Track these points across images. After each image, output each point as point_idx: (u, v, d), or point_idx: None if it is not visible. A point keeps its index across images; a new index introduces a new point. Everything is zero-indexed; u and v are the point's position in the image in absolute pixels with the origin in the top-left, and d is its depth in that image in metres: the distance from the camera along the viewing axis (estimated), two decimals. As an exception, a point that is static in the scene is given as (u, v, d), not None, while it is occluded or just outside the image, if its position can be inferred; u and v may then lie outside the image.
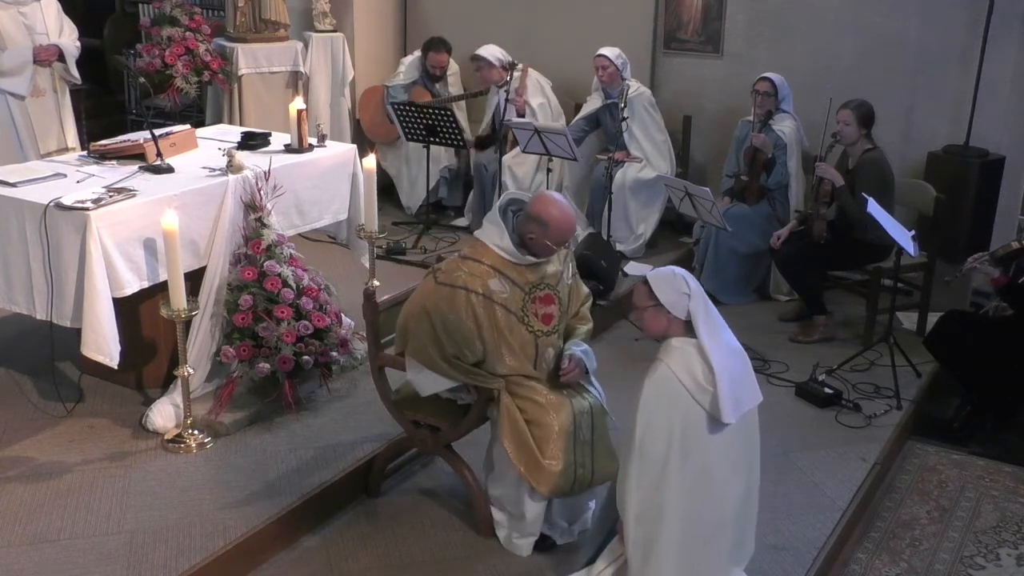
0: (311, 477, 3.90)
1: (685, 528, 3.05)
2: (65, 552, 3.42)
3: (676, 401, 3.00)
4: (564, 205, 3.49)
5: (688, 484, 3.03)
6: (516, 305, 3.50)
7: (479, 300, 3.44)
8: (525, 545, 3.65)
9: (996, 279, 4.81)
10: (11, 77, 5.49)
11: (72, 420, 4.26)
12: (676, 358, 3.03)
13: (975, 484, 4.50)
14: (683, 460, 3.01)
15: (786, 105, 5.98)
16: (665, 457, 3.01)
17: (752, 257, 6.01)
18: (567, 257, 3.70)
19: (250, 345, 4.21)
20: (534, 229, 3.45)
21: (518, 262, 3.49)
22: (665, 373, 3.02)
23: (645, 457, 3.03)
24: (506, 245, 3.48)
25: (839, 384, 4.98)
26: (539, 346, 3.56)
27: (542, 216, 3.43)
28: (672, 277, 3.07)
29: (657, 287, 3.06)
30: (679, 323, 3.06)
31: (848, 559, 3.93)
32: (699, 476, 3.04)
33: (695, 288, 3.07)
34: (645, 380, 3.06)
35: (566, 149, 5.92)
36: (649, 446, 3.02)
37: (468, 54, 7.42)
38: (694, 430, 3.01)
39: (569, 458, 3.48)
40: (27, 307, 4.04)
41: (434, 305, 3.44)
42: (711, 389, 2.98)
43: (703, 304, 3.07)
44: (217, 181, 4.32)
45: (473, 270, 3.46)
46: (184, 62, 6.48)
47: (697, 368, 3.00)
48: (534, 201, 3.50)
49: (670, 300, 3.04)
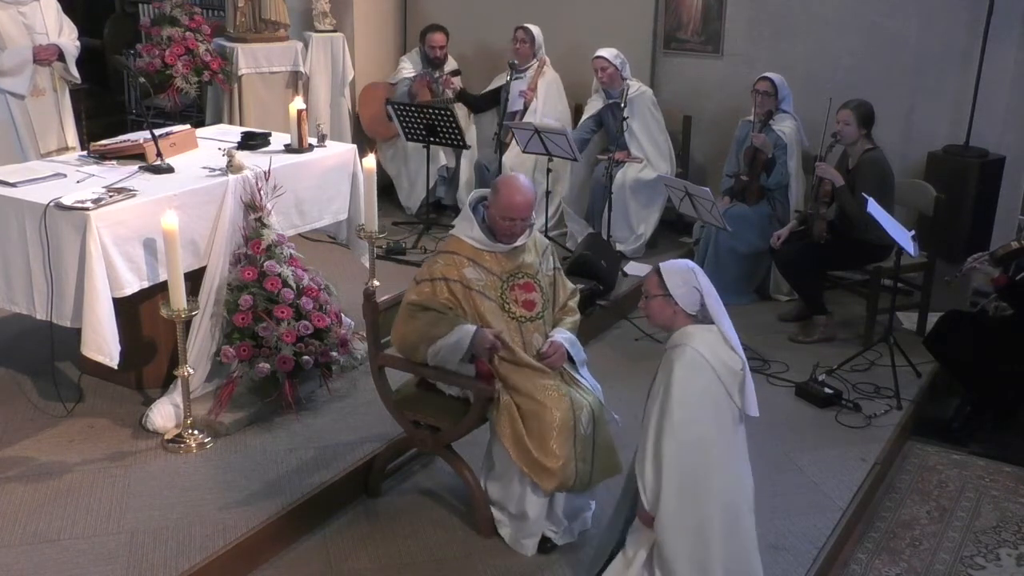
0: (311, 477, 3.90)
1: (726, 510, 3.07)
2: (65, 552, 3.42)
3: (710, 382, 3.03)
4: (520, 184, 3.61)
5: (723, 460, 3.06)
6: (495, 292, 3.61)
7: (457, 287, 3.59)
8: (530, 544, 3.65)
9: (996, 279, 4.81)
10: (11, 77, 5.48)
11: (72, 420, 4.26)
12: (699, 340, 3.05)
13: (975, 484, 4.50)
14: (718, 435, 3.04)
15: (786, 105, 5.97)
16: (709, 437, 3.02)
17: (752, 257, 6.00)
18: (547, 250, 3.82)
19: (250, 345, 4.21)
20: (489, 199, 3.63)
21: (490, 249, 3.63)
22: (694, 356, 3.03)
23: (684, 438, 3.01)
24: (476, 235, 3.64)
25: (839, 384, 4.98)
26: (523, 332, 3.63)
27: (497, 186, 3.63)
28: (685, 270, 3.11)
29: (669, 278, 3.10)
30: (685, 316, 3.10)
31: (848, 559, 3.93)
32: (730, 453, 3.08)
33: (705, 282, 3.10)
34: (673, 365, 3.04)
35: (566, 149, 5.92)
36: (689, 427, 3.01)
37: (467, 54, 7.45)
38: (724, 412, 3.05)
39: (570, 453, 3.50)
40: (27, 307, 4.04)
41: (415, 299, 3.61)
42: (741, 373, 3.04)
43: (715, 296, 3.12)
44: (217, 181, 4.32)
45: (448, 261, 3.62)
46: (184, 62, 6.48)
47: (722, 352, 3.05)
48: (499, 176, 3.73)
49: (680, 293, 3.08)
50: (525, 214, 3.62)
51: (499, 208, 3.59)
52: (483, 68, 7.37)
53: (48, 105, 5.71)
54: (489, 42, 7.47)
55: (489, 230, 3.65)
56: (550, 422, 3.49)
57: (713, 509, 3.04)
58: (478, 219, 3.66)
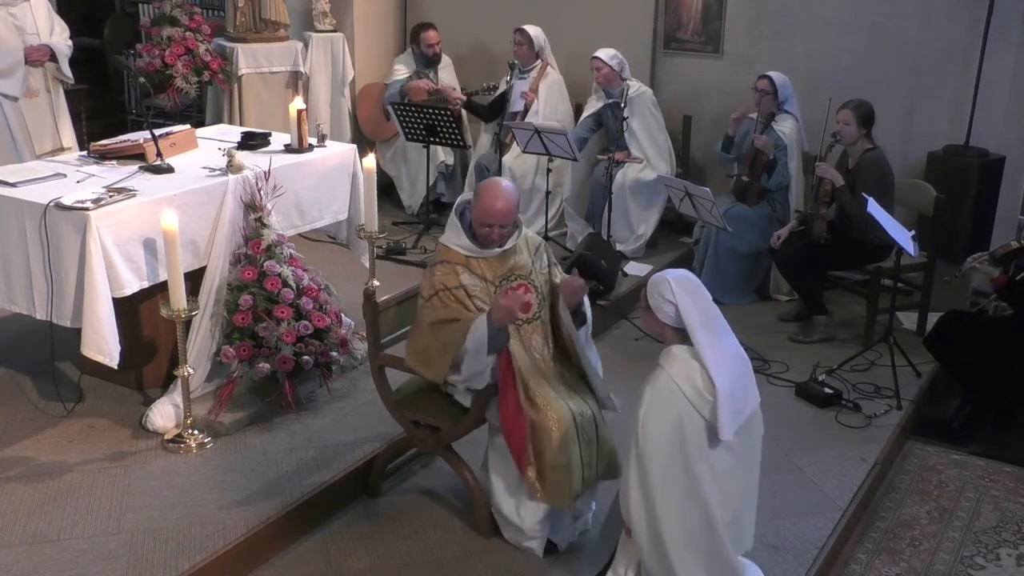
0: (311, 477, 3.90)
1: (688, 530, 3.04)
2: (65, 552, 3.42)
3: (676, 409, 2.99)
4: (501, 190, 3.56)
5: (688, 488, 3.02)
6: (490, 298, 3.58)
7: (460, 293, 3.55)
8: (536, 545, 3.65)
9: (996, 279, 4.81)
10: (2, 79, 5.45)
11: (72, 420, 4.26)
12: (676, 365, 3.02)
13: (975, 484, 4.50)
14: (683, 466, 3.00)
15: (789, 106, 5.96)
16: (665, 463, 3.00)
17: (752, 257, 6.00)
18: (540, 247, 3.78)
19: (250, 345, 4.21)
20: (471, 205, 3.59)
21: (479, 255, 3.60)
22: (666, 381, 3.01)
23: (645, 463, 3.01)
24: (464, 242, 3.61)
25: (839, 384, 4.98)
26: (522, 335, 3.61)
27: (478, 192, 3.59)
28: (660, 282, 3.06)
29: (648, 290, 3.08)
30: (673, 331, 3.06)
31: (848, 559, 3.93)
32: (698, 480, 3.02)
33: (682, 295, 3.01)
34: (646, 387, 3.04)
35: (566, 149, 5.92)
36: (650, 452, 3.01)
37: (466, 54, 7.45)
38: (694, 437, 3.00)
39: (576, 460, 3.50)
40: (27, 307, 4.04)
41: (432, 319, 3.55)
42: (711, 399, 2.97)
43: (700, 311, 3.03)
44: (217, 181, 4.32)
45: (445, 271, 3.58)
46: (184, 62, 6.48)
47: (697, 376, 2.99)
48: (482, 181, 3.68)
49: (655, 305, 3.05)
50: (505, 220, 3.53)
51: (478, 214, 3.54)
52: (481, 68, 7.36)
53: (42, 106, 5.69)
54: (487, 42, 7.47)
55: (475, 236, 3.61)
56: (549, 431, 3.47)
57: (675, 533, 3.02)
58: (464, 225, 3.62)
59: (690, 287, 3.04)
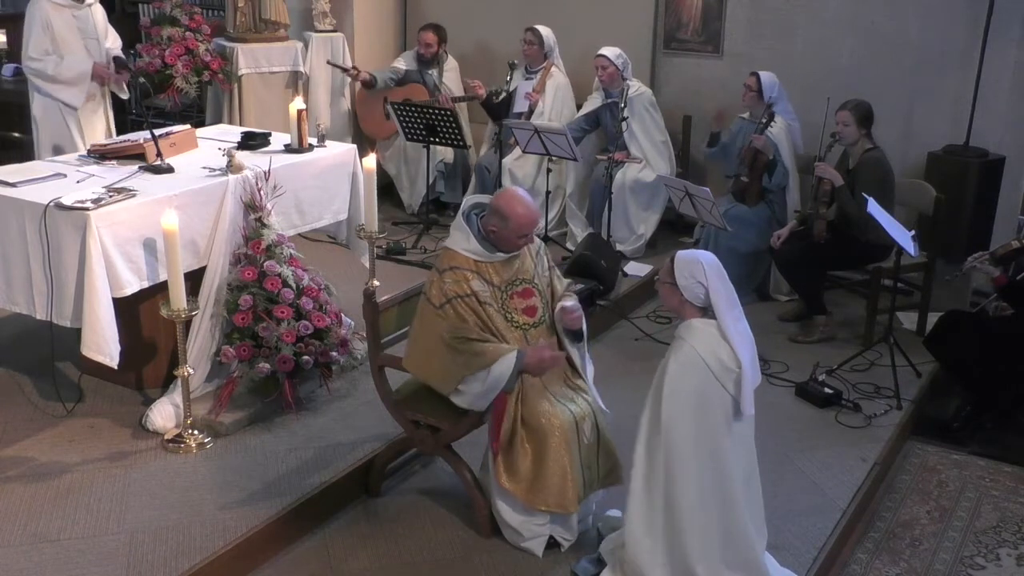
0: (311, 477, 3.90)
1: (704, 501, 3.16)
2: (65, 552, 3.42)
3: (700, 378, 3.11)
4: (526, 200, 3.60)
5: (705, 461, 3.13)
6: (498, 303, 3.59)
7: (472, 301, 3.53)
8: (536, 545, 3.64)
9: (996, 279, 4.81)
10: (68, 88, 5.51)
11: (72, 420, 4.26)
12: (700, 339, 3.14)
13: (975, 484, 4.50)
14: (704, 438, 3.12)
15: (778, 107, 5.92)
16: (691, 434, 3.11)
17: (752, 257, 6.00)
18: (540, 250, 3.79)
19: (250, 345, 4.21)
20: (496, 223, 3.56)
21: (488, 260, 3.59)
22: (691, 354, 3.12)
23: (670, 432, 3.12)
24: (473, 246, 3.59)
25: (839, 384, 4.98)
26: (528, 340, 3.61)
27: (503, 210, 3.55)
28: (693, 263, 3.18)
29: (678, 268, 3.19)
30: (692, 307, 3.18)
31: (848, 559, 3.93)
32: (715, 454, 3.14)
33: (713, 278, 3.14)
34: (670, 359, 3.16)
35: (566, 149, 5.92)
36: (676, 422, 3.12)
37: (466, 54, 7.45)
38: (716, 409, 3.12)
39: (576, 465, 3.52)
40: (27, 307, 4.04)
41: (449, 332, 3.50)
42: (736, 370, 3.10)
43: (726, 293, 3.16)
44: (217, 181, 4.32)
45: (456, 278, 3.55)
46: (184, 62, 6.48)
47: (721, 350, 3.12)
48: (497, 196, 3.64)
49: (684, 284, 3.16)
50: (537, 226, 3.66)
51: (517, 227, 3.53)
52: (482, 69, 7.35)
53: (97, 109, 5.77)
54: (489, 42, 7.47)
55: (486, 240, 3.60)
56: (549, 436, 3.48)
57: (691, 500, 3.14)
58: (473, 230, 3.60)
59: (720, 271, 3.19)
